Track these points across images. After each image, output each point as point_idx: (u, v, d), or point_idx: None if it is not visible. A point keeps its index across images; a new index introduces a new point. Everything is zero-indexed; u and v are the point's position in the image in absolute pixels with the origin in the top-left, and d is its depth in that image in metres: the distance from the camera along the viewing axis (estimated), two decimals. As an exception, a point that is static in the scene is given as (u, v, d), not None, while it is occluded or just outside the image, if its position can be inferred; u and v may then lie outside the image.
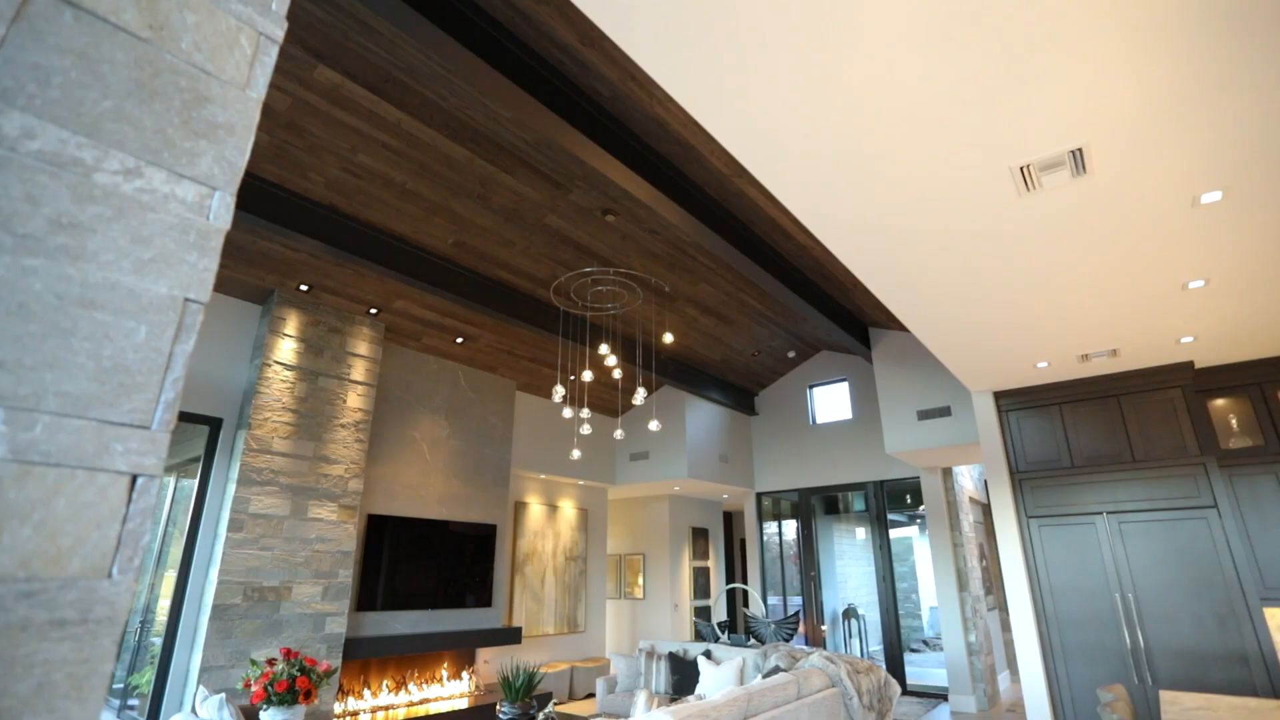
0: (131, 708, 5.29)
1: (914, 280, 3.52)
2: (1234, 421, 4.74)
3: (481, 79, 3.34)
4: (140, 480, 0.58)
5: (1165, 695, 3.41)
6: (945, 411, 6.62)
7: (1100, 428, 5.06)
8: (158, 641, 4.81)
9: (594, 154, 3.92)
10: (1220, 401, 4.84)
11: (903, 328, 7.05)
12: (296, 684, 3.31)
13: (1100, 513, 4.92)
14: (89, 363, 0.57)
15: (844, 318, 6.84)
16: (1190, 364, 4.77)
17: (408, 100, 4.05)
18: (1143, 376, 4.93)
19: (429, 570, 6.35)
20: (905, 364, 7.01)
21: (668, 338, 4.98)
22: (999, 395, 5.52)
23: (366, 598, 5.80)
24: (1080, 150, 2.38)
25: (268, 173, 4.43)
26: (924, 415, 6.74)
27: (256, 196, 4.40)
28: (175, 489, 6.35)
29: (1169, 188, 2.63)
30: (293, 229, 4.56)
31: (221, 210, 0.69)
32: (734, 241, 4.97)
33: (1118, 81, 2.09)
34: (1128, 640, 4.63)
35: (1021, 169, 2.48)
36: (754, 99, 2.20)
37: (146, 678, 4.83)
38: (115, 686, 6.17)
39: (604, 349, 4.96)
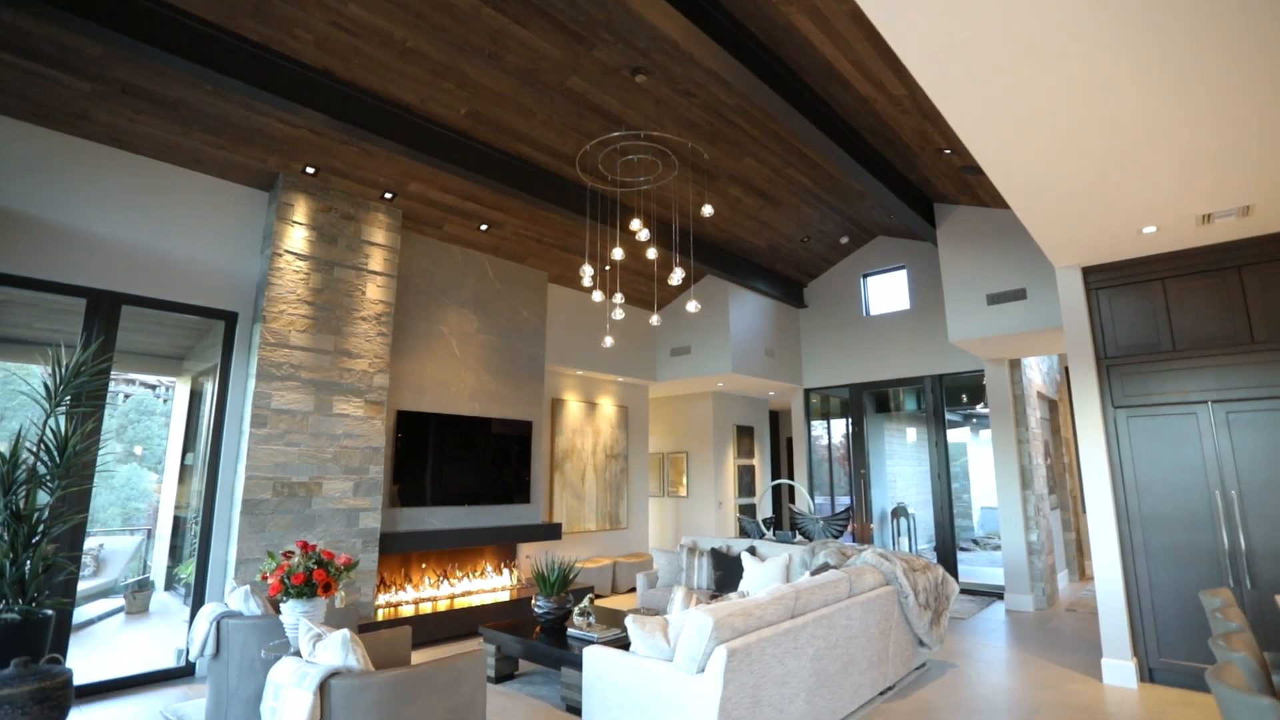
0: (196, 595, 5.45)
1: (1012, 102, 2.85)
2: (1386, 292, 3.98)
3: None
4: None
5: (1284, 601, 2.96)
6: (1019, 294, 5.92)
7: (1213, 305, 4.36)
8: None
9: (614, -23, 3.25)
10: (1369, 270, 4.06)
11: (974, 201, 6.25)
12: (314, 577, 3.13)
13: (1204, 402, 4.31)
14: None
15: (907, 191, 6.07)
16: (1339, 224, 3.98)
17: (393, -76, 3.41)
18: (1277, 242, 4.15)
19: (464, 466, 6.21)
20: (975, 243, 6.26)
21: (707, 210, 4.38)
22: (1088, 271, 4.82)
23: (400, 493, 5.70)
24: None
25: (249, 30, 3.89)
26: (994, 299, 6.06)
27: (240, 60, 3.90)
28: (214, 392, 6.29)
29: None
30: (287, 98, 4.08)
31: None
32: (782, 94, 4.26)
33: None
34: (1225, 541, 4.15)
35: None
36: None
37: (189, 569, 4.88)
38: (179, 577, 6.42)
39: (636, 224, 4.41)
